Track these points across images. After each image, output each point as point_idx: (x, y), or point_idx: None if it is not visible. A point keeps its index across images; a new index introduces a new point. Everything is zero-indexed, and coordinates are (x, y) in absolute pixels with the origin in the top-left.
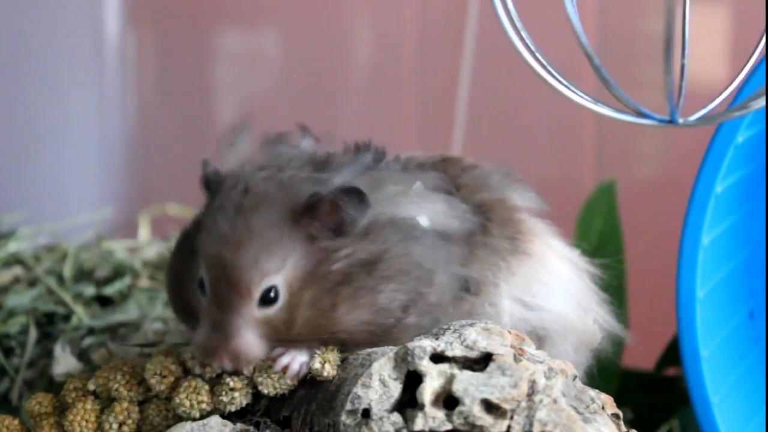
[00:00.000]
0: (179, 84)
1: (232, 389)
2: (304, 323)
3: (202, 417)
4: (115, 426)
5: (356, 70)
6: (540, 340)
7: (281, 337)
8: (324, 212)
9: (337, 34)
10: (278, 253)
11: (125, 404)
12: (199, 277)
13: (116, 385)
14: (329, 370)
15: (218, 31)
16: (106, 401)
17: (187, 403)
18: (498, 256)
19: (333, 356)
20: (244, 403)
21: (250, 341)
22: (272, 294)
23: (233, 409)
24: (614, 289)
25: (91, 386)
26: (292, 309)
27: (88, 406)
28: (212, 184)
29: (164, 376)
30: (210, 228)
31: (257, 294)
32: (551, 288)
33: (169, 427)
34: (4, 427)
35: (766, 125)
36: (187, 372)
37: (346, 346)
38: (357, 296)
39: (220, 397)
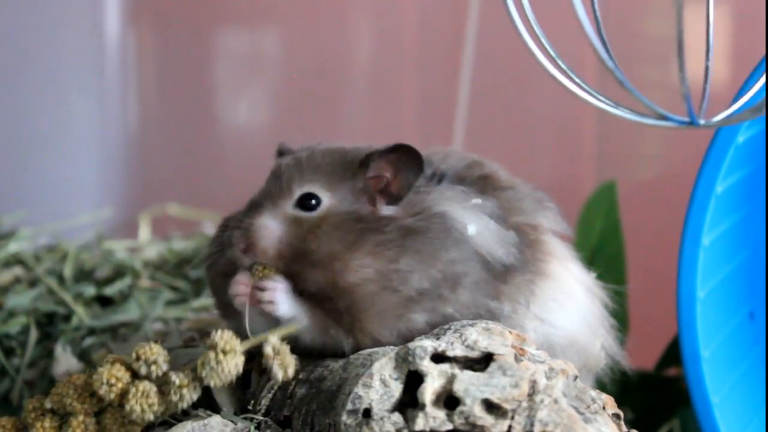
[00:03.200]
0: (179, 84)
1: (179, 387)
2: (324, 247)
3: (156, 418)
4: None
5: (357, 69)
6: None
7: (299, 248)
8: (380, 167)
9: (337, 34)
10: (328, 178)
11: (81, 417)
12: None
13: (69, 400)
14: (282, 374)
15: (218, 31)
16: (64, 417)
17: (138, 409)
18: (527, 279)
19: (291, 362)
20: (194, 398)
21: (269, 225)
22: (312, 202)
23: (184, 405)
24: (614, 289)
25: (48, 404)
26: (321, 225)
27: (47, 425)
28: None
29: (112, 385)
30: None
31: (296, 193)
32: (564, 307)
33: None
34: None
35: (766, 126)
36: (135, 375)
37: (351, 311)
38: (382, 246)
39: (169, 397)
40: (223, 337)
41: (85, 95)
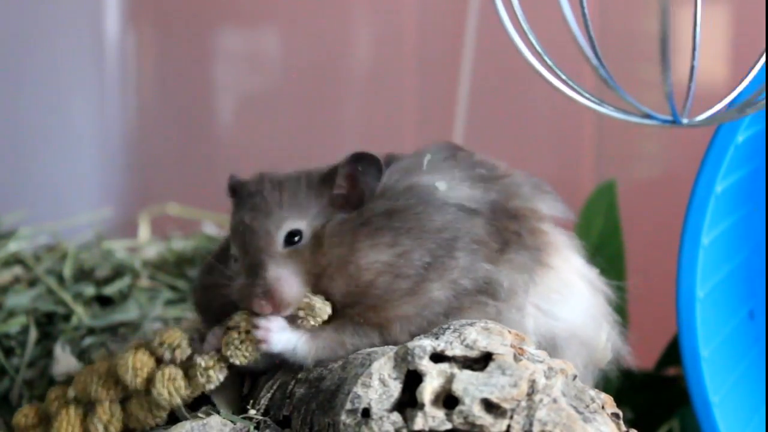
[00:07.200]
0: (179, 84)
1: (205, 368)
2: (329, 261)
3: (184, 402)
4: (100, 428)
5: (356, 69)
6: (551, 350)
7: (313, 274)
8: (341, 181)
9: (337, 34)
10: (298, 207)
11: (107, 404)
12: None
13: (94, 387)
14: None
15: (218, 31)
16: (88, 405)
17: (166, 393)
18: (524, 265)
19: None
20: (221, 378)
21: (280, 275)
22: (296, 238)
23: (212, 386)
24: (615, 286)
25: (71, 393)
26: (317, 246)
27: (72, 413)
28: (240, 187)
29: (137, 370)
30: (239, 208)
31: (280, 237)
32: (566, 300)
33: (154, 419)
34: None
35: (766, 125)
36: (159, 362)
37: (377, 305)
38: (376, 235)
39: (196, 379)
40: (244, 317)
41: (85, 95)
